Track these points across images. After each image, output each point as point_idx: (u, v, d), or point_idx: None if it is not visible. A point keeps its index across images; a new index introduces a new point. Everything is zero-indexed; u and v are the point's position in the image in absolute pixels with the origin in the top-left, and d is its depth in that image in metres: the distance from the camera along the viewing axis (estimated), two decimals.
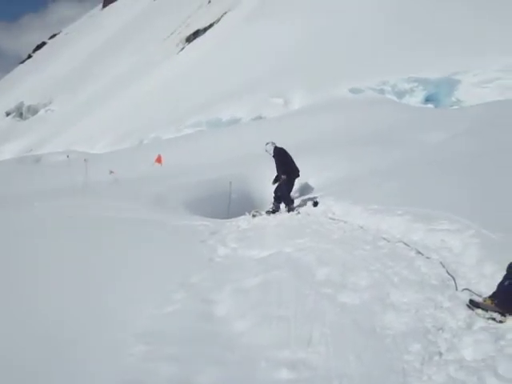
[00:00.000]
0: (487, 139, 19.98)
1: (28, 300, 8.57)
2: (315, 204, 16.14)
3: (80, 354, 6.82)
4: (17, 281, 9.53)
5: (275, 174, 17.25)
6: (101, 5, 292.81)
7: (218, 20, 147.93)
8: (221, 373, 6.08)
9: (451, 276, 8.05)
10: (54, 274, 9.86)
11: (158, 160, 23.65)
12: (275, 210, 17.00)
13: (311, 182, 19.81)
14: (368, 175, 17.62)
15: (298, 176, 17.27)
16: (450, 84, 53.85)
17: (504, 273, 6.82)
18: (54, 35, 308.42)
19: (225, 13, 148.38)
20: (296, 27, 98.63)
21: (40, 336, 7.32)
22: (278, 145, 17.28)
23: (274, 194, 17.31)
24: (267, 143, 17.27)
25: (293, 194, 17.87)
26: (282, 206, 17.13)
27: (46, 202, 18.42)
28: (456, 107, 47.73)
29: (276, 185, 17.22)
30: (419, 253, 9.43)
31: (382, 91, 57.16)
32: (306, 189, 19.52)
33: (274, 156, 17.09)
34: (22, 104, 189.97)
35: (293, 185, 17.29)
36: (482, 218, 9.98)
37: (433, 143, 22.50)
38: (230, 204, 19.35)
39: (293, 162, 17.09)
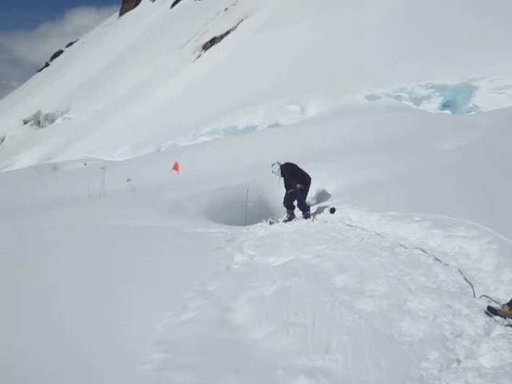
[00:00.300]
0: (504, 146, 19.93)
1: (39, 306, 8.60)
2: (332, 211, 16.13)
3: (94, 362, 6.83)
4: (31, 287, 9.55)
5: (285, 191, 17.26)
6: (117, 13, 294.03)
7: (235, 27, 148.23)
8: (238, 381, 6.07)
9: (469, 283, 8.02)
10: (68, 281, 9.88)
11: (175, 167, 23.72)
12: (291, 217, 17.00)
13: (328, 189, 19.81)
14: (385, 182, 17.59)
15: (310, 183, 17.25)
16: (468, 90, 53.71)
17: None
18: (71, 43, 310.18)
19: (241, 20, 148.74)
20: (312, 34, 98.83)
21: (51, 344, 7.34)
22: (286, 159, 17.28)
23: (284, 204, 17.30)
24: (273, 164, 17.22)
25: (310, 200, 17.88)
26: (298, 212, 17.14)
27: (62, 209, 18.51)
28: (473, 113, 47.61)
29: (284, 196, 17.23)
30: (437, 259, 9.41)
31: (398, 98, 57.12)
32: (322, 195, 19.51)
33: (282, 175, 17.11)
34: (39, 112, 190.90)
35: (307, 192, 17.27)
36: (499, 224, 9.95)
37: (449, 150, 22.47)
38: (247, 211, 19.36)
39: (302, 171, 17.08)
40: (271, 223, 16.43)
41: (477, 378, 5.46)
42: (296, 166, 17.13)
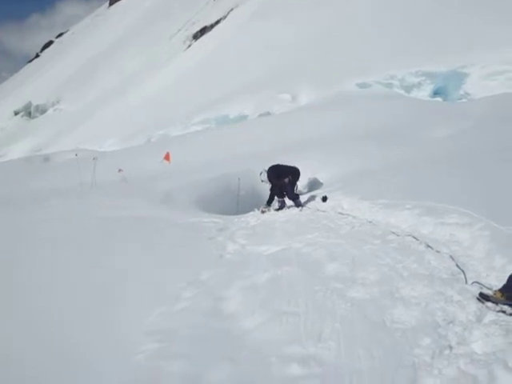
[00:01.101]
0: (495, 133, 19.99)
1: (34, 302, 8.59)
2: (324, 199, 16.16)
3: (89, 353, 6.84)
4: (22, 280, 9.54)
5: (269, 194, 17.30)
6: (107, 3, 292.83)
7: (225, 17, 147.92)
8: (231, 369, 6.08)
9: (461, 269, 8.04)
10: (62, 273, 9.88)
11: (167, 157, 23.70)
12: (282, 206, 17.01)
13: (320, 177, 19.84)
14: (376, 170, 17.63)
15: (298, 173, 17.20)
16: (458, 77, 53.69)
17: None
18: (61, 34, 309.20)
19: (231, 9, 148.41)
20: (303, 23, 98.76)
21: (47, 337, 7.34)
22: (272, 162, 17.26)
23: (271, 192, 17.30)
24: (261, 173, 17.17)
25: (301, 189, 17.90)
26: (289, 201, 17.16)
27: (54, 201, 18.47)
28: (464, 100, 47.63)
29: (271, 188, 17.24)
30: (429, 246, 9.43)
31: (389, 85, 57.13)
32: (314, 184, 19.55)
33: (268, 180, 17.08)
34: (30, 103, 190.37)
35: (296, 182, 17.23)
36: (491, 211, 9.97)
37: (441, 138, 22.49)
38: (239, 201, 19.36)
39: (286, 167, 17.04)
40: (263, 212, 16.44)
41: (469, 364, 5.47)
42: (278, 165, 17.09)
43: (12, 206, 18.36)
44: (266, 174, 17.02)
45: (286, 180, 16.80)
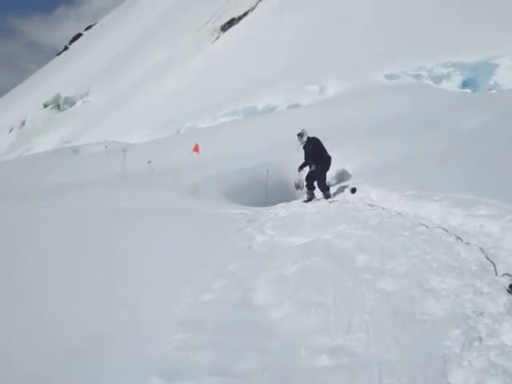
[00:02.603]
0: None
1: (44, 293, 8.66)
2: (353, 191, 16.12)
3: (118, 342, 6.90)
4: (37, 272, 9.61)
5: (302, 160, 17.28)
6: None
7: (253, 8, 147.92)
8: (260, 360, 6.09)
9: (491, 261, 7.98)
10: (89, 263, 9.96)
11: (196, 149, 23.73)
12: (311, 197, 17.01)
13: (348, 169, 19.77)
14: (405, 162, 17.54)
15: (330, 163, 17.20)
16: (488, 68, 53.27)
17: None
18: (89, 26, 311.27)
19: (259, 0, 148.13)
20: (332, 12, 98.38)
21: (87, 318, 7.41)
22: (311, 134, 17.22)
23: (305, 182, 17.35)
24: (299, 134, 17.15)
25: (330, 180, 17.86)
26: (319, 192, 17.15)
27: (83, 191, 18.60)
28: (494, 91, 47.17)
29: (305, 173, 17.25)
30: (458, 238, 9.37)
31: (418, 76, 56.79)
32: (343, 175, 19.49)
33: (304, 146, 17.06)
34: (59, 95, 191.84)
35: (326, 172, 17.23)
36: None
37: (469, 129, 22.30)
38: (267, 192, 19.38)
39: (325, 150, 17.03)
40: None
41: (499, 356, 5.44)
42: (320, 142, 17.07)
43: (34, 197, 18.49)
44: (304, 137, 17.02)
45: (314, 167, 16.79)
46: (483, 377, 5.14)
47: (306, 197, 17.20)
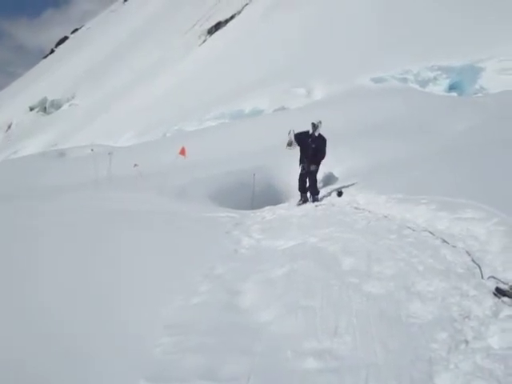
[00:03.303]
0: (511, 128, 19.87)
1: (44, 293, 8.62)
2: (339, 194, 16.19)
3: (103, 347, 6.88)
4: (34, 273, 9.57)
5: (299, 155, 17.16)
6: None
7: (239, 12, 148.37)
8: (247, 363, 6.09)
9: (477, 264, 8.02)
10: (74, 267, 9.92)
11: (182, 152, 23.72)
12: (305, 200, 16.98)
13: (336, 172, 19.84)
14: (391, 165, 17.65)
15: (321, 160, 17.17)
16: (474, 71, 53.64)
17: None
18: (76, 30, 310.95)
19: (246, 4, 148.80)
20: (317, 17, 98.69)
21: (51, 335, 7.38)
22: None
23: (297, 184, 17.23)
24: (318, 122, 17.00)
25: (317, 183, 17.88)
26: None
27: (69, 194, 18.57)
28: (480, 95, 47.45)
29: (300, 174, 17.17)
30: (444, 241, 9.41)
31: (404, 80, 57.05)
32: (329, 179, 19.55)
33: (313, 139, 16.93)
34: (45, 99, 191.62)
35: (317, 171, 17.22)
36: (506, 205, 9.94)
37: (455, 132, 22.46)
38: (254, 196, 19.42)
39: (325, 153, 17.00)
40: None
41: (485, 359, 5.47)
42: (326, 143, 16.97)
43: (22, 200, 18.41)
44: (292, 135, 16.93)
45: (313, 168, 16.76)
46: (469, 379, 5.16)
47: (299, 201, 17.14)
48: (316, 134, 16.90)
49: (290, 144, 17.15)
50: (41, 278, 9.21)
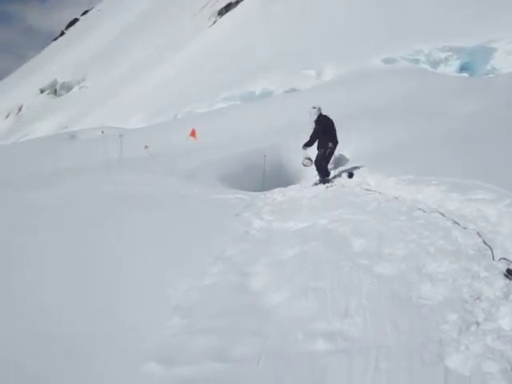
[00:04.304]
0: None
1: (43, 282, 8.65)
2: (350, 175, 16.14)
3: (115, 328, 6.91)
4: (31, 263, 9.59)
5: (307, 139, 17.08)
6: None
7: None
8: (257, 344, 6.11)
9: (488, 246, 7.99)
10: (84, 250, 9.95)
11: (193, 134, 23.71)
12: (324, 182, 16.83)
13: (346, 154, 19.77)
14: (401, 146, 17.55)
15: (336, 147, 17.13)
16: (485, 52, 53.21)
17: None
18: (86, 11, 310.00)
19: None
20: None
21: (86, 307, 7.41)
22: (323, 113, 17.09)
23: (315, 167, 17.18)
24: (313, 107, 16.97)
25: (329, 165, 17.81)
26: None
27: (80, 178, 18.58)
28: (491, 75, 47.12)
29: (316, 155, 17.09)
30: (455, 223, 9.37)
31: (416, 61, 56.71)
32: (340, 160, 19.47)
33: (315, 121, 16.90)
34: (55, 81, 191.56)
35: (331, 156, 17.18)
36: None
37: (466, 113, 22.30)
38: (265, 177, 19.38)
39: (335, 132, 16.92)
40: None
41: (496, 341, 5.45)
42: (333, 125, 16.97)
43: (30, 185, 18.42)
44: (316, 113, 16.87)
45: (331, 145, 16.70)
46: (480, 361, 5.16)
47: (317, 180, 17.04)
48: (316, 115, 16.83)
49: (307, 160, 17.17)
50: (41, 270, 9.21)
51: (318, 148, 17.06)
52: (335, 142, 16.86)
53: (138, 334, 6.69)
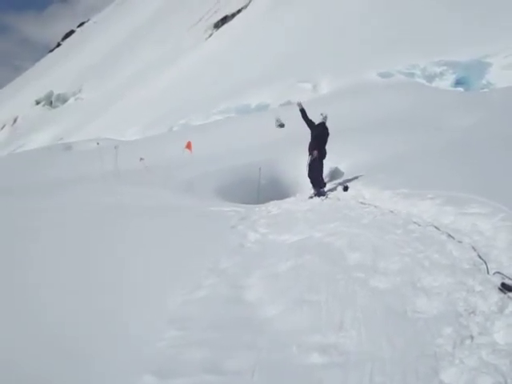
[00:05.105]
0: None
1: (41, 290, 8.67)
2: (345, 189, 16.16)
3: (110, 340, 6.90)
4: (30, 272, 9.60)
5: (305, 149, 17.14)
6: None
7: (246, 5, 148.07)
8: (252, 357, 6.10)
9: (483, 260, 8.00)
10: (76, 262, 9.96)
11: (188, 147, 23.76)
12: (318, 194, 16.83)
13: (341, 167, 19.81)
14: (397, 160, 17.60)
15: (324, 159, 17.13)
16: (481, 67, 53.48)
17: None
18: (82, 23, 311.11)
19: None
20: (324, 11, 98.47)
21: (53, 333, 7.40)
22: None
23: (309, 180, 17.23)
24: (321, 114, 17.02)
25: (323, 178, 17.83)
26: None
27: (75, 189, 18.60)
28: (486, 90, 47.28)
29: (308, 168, 17.11)
30: (450, 236, 9.39)
31: (411, 75, 56.93)
32: (336, 174, 19.52)
33: (316, 124, 16.94)
34: (51, 92, 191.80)
35: (322, 166, 17.17)
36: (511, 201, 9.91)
37: (461, 127, 22.37)
38: (260, 190, 19.41)
39: (325, 144, 16.94)
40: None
41: (490, 354, 5.46)
42: (328, 134, 16.99)
43: (27, 195, 18.44)
44: (323, 119, 16.94)
45: (316, 153, 16.72)
46: (475, 375, 5.16)
47: (312, 193, 17.06)
48: (320, 120, 16.91)
49: (279, 123, 17.20)
50: (42, 276, 9.26)
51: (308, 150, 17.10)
52: (322, 152, 16.85)
53: (134, 345, 6.67)
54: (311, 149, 16.84)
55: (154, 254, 10.35)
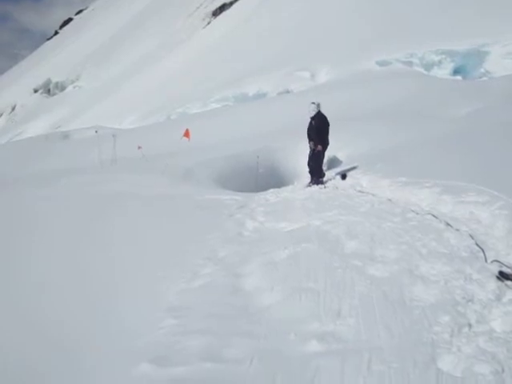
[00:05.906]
0: None
1: (38, 281, 8.66)
2: (343, 177, 16.16)
3: (108, 329, 6.91)
4: (25, 264, 9.60)
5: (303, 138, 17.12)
6: None
7: None
8: (250, 346, 6.08)
9: (480, 248, 8.01)
10: (74, 252, 9.96)
11: (186, 135, 23.69)
12: (316, 183, 16.82)
13: (340, 156, 19.79)
14: (395, 149, 17.58)
15: (326, 149, 17.14)
16: (479, 55, 53.36)
17: None
18: (80, 11, 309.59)
19: None
20: (322, 1, 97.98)
21: (48, 325, 7.40)
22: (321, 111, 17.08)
23: (308, 169, 17.22)
24: (313, 102, 16.97)
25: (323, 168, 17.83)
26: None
27: (72, 177, 18.56)
28: (485, 79, 47.24)
29: (309, 156, 17.10)
30: (448, 225, 9.40)
31: (409, 63, 56.80)
32: (333, 162, 19.51)
33: (313, 118, 16.92)
34: (49, 80, 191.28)
35: (320, 157, 17.18)
36: (510, 189, 9.92)
37: (459, 116, 22.35)
38: (258, 178, 19.40)
39: (327, 134, 16.91)
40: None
41: (488, 342, 5.47)
42: (328, 123, 16.96)
43: (22, 185, 18.41)
44: (315, 110, 16.86)
45: (320, 148, 16.70)
46: (472, 363, 5.16)
47: (309, 182, 17.03)
48: (314, 110, 16.82)
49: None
50: (36, 266, 9.26)
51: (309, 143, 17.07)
52: (325, 144, 16.86)
53: (131, 334, 6.67)
54: (312, 138, 16.81)
55: (151, 242, 10.34)
